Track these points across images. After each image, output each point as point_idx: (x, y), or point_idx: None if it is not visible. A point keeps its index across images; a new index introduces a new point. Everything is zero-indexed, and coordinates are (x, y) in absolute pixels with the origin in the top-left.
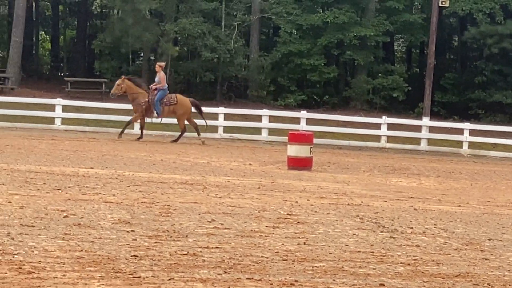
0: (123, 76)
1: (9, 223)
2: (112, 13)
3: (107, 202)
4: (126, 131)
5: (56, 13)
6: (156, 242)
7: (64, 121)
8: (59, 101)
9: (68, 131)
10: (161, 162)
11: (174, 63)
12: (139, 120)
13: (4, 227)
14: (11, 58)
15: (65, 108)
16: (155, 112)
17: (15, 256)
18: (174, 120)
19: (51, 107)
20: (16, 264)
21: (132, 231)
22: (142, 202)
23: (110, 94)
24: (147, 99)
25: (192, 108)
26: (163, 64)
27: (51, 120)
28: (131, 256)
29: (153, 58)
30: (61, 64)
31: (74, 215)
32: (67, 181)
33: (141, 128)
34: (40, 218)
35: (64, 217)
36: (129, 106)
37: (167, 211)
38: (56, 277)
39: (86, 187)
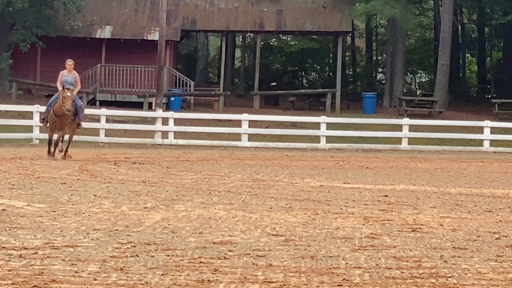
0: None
1: (441, 245)
2: None
3: None
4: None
5: (482, 35)
6: None
7: (493, 143)
8: (487, 123)
9: (496, 153)
10: None
11: None
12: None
13: (437, 250)
14: (438, 82)
15: (493, 130)
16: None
17: (449, 279)
18: None
19: (479, 130)
20: (449, 287)
21: None
22: None
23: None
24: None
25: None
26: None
27: (479, 142)
28: None
29: None
30: (488, 86)
31: (506, 236)
32: (498, 203)
33: (51, 142)
34: (472, 241)
35: (496, 239)
36: None
37: None
38: None
39: None
